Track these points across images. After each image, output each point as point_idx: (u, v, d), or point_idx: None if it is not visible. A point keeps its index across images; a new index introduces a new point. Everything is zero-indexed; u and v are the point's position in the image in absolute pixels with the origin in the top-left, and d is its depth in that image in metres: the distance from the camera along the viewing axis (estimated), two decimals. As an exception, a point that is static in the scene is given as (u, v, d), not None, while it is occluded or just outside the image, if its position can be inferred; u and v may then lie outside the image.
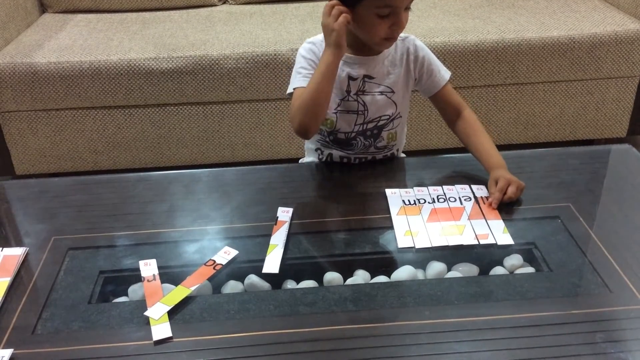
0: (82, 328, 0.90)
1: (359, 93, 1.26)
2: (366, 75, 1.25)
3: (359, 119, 1.28)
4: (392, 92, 1.27)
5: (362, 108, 1.27)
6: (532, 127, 2.27)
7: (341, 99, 1.26)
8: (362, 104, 1.27)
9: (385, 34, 1.18)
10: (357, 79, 1.25)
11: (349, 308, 0.92)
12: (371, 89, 1.26)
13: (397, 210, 1.13)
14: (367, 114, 1.27)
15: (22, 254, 1.04)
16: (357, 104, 1.27)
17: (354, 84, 1.26)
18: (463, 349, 0.84)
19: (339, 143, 1.31)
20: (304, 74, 1.23)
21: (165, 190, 1.22)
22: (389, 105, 1.28)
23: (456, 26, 2.16)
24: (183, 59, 2.04)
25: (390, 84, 1.27)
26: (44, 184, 1.29)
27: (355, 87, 1.26)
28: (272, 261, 1.02)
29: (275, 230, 1.08)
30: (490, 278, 1.00)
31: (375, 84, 1.26)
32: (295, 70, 1.26)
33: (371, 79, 1.26)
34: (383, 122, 1.29)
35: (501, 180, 1.14)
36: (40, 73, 2.03)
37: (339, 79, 1.24)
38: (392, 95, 1.28)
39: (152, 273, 0.99)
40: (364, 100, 1.27)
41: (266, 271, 1.00)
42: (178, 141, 2.19)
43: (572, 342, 0.84)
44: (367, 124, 1.28)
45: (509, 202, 1.13)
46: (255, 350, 0.85)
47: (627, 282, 0.94)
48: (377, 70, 1.26)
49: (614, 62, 2.16)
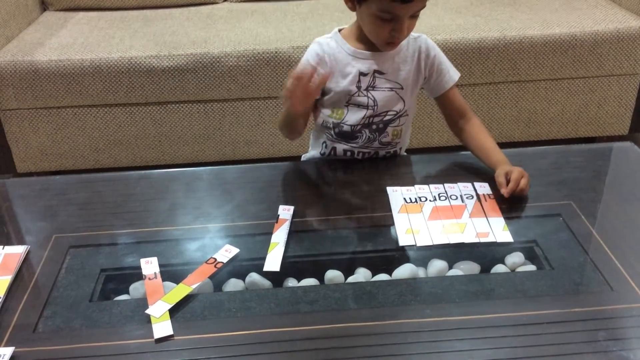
0: (83, 326, 0.90)
1: (369, 88, 1.26)
2: (377, 71, 1.26)
3: (368, 112, 1.28)
4: (402, 88, 1.28)
5: (372, 103, 1.27)
6: (534, 124, 2.27)
7: (352, 95, 1.27)
8: (372, 99, 1.27)
9: (385, 37, 1.18)
10: (368, 75, 1.26)
11: (350, 306, 0.92)
12: (381, 84, 1.27)
13: (399, 208, 1.13)
14: (376, 109, 1.28)
15: (24, 252, 1.04)
16: (367, 99, 1.27)
17: (365, 79, 1.26)
18: (464, 347, 0.84)
19: (344, 136, 1.31)
20: None
21: (166, 188, 1.22)
22: (398, 101, 1.28)
23: (458, 23, 2.16)
24: (184, 57, 2.04)
25: (401, 81, 1.27)
26: (45, 182, 1.29)
27: (365, 82, 1.26)
28: (273, 259, 1.02)
29: (277, 228, 1.08)
30: (491, 276, 0.99)
31: (386, 80, 1.26)
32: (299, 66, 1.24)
33: (381, 75, 1.26)
34: (389, 117, 1.29)
35: (515, 171, 1.14)
36: (42, 71, 2.03)
37: (350, 76, 1.25)
38: (401, 91, 1.28)
39: (154, 271, 0.99)
40: (374, 95, 1.27)
41: (267, 269, 1.00)
42: (179, 139, 2.19)
43: (573, 340, 0.84)
44: (374, 118, 1.29)
45: (520, 194, 1.13)
46: (256, 348, 0.85)
47: (629, 279, 0.94)
48: (387, 66, 1.26)
49: (615, 59, 2.15)
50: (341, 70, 1.26)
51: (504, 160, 1.20)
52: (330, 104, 1.30)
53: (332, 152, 1.34)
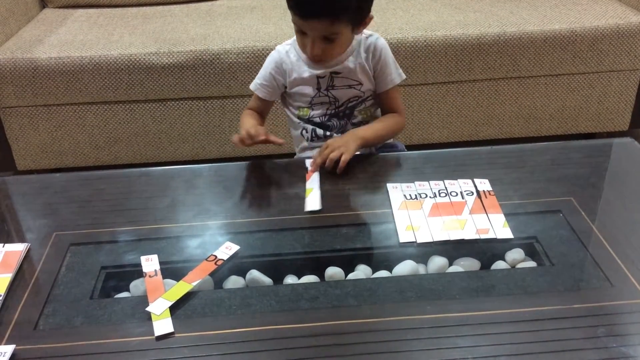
0: (84, 323, 0.90)
1: (329, 88, 1.33)
2: (333, 72, 1.32)
3: (331, 107, 1.36)
4: (360, 84, 1.34)
5: (333, 100, 1.35)
6: (534, 120, 2.26)
7: (313, 96, 1.34)
8: (332, 97, 1.35)
9: (305, 51, 1.27)
10: (325, 77, 1.32)
11: (350, 303, 0.92)
12: (340, 83, 1.33)
13: (399, 204, 1.13)
14: (337, 104, 1.36)
15: (24, 249, 1.04)
16: (327, 97, 1.35)
17: (323, 81, 1.33)
18: (465, 343, 0.84)
19: (316, 124, 1.39)
20: (261, 81, 1.39)
21: (166, 186, 1.22)
22: (356, 92, 1.36)
23: (457, 19, 2.16)
24: (184, 54, 2.04)
25: (357, 78, 1.33)
26: (46, 180, 1.29)
27: (324, 83, 1.33)
28: (312, 200, 1.12)
29: (309, 176, 1.19)
30: (491, 272, 1.00)
31: (344, 78, 1.33)
32: (261, 70, 1.40)
33: (338, 74, 1.32)
34: (353, 104, 1.36)
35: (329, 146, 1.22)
36: (41, 68, 2.02)
37: (309, 81, 1.33)
38: (360, 87, 1.34)
39: (154, 269, 0.99)
40: (334, 94, 1.34)
41: (309, 209, 1.10)
42: (179, 136, 2.19)
43: (573, 336, 0.84)
44: (339, 108, 1.36)
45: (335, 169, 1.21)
46: (257, 345, 0.85)
47: (629, 276, 0.94)
48: (341, 67, 1.32)
49: (615, 55, 2.15)
50: (300, 76, 1.33)
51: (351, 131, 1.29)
52: (296, 106, 1.39)
53: (314, 134, 1.39)
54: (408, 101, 2.16)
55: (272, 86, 1.38)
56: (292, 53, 1.35)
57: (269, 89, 1.39)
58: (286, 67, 1.35)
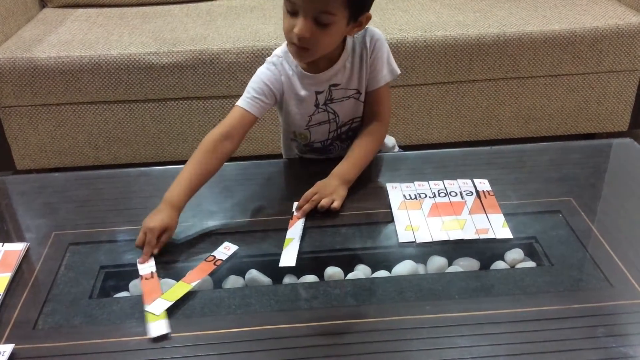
0: (83, 323, 0.90)
1: (328, 102, 1.24)
2: (331, 85, 1.23)
3: (332, 126, 1.27)
4: (359, 93, 1.25)
5: (333, 116, 1.26)
6: (534, 121, 2.26)
7: (311, 115, 1.25)
8: (332, 112, 1.25)
9: (289, 34, 1.11)
10: (324, 91, 1.23)
11: (349, 303, 0.92)
12: (339, 95, 1.24)
13: (398, 204, 1.13)
14: (339, 120, 1.26)
15: (23, 249, 1.04)
16: (327, 113, 1.25)
17: (322, 96, 1.23)
18: (464, 343, 0.84)
19: (316, 151, 1.31)
20: (250, 96, 1.19)
21: (165, 185, 1.21)
22: (359, 106, 1.26)
23: (457, 20, 2.16)
24: (183, 54, 2.04)
25: (356, 86, 1.24)
26: (45, 179, 1.29)
27: (323, 98, 1.24)
28: (288, 255, 1.01)
29: (291, 224, 1.08)
30: (491, 272, 0.99)
31: (342, 89, 1.23)
32: (249, 84, 1.21)
33: (337, 86, 1.23)
34: (356, 124, 1.28)
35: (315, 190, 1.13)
36: (41, 68, 2.02)
37: (307, 98, 1.23)
38: (359, 96, 1.25)
39: (150, 271, 0.99)
40: (333, 108, 1.25)
41: (283, 264, 1.00)
42: (179, 136, 2.19)
43: (573, 337, 0.84)
44: (341, 129, 1.28)
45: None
46: (256, 345, 0.85)
47: (629, 276, 0.94)
48: (339, 77, 1.22)
49: (615, 55, 2.15)
50: (296, 94, 1.23)
51: (337, 173, 1.17)
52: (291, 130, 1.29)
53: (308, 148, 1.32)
54: (408, 101, 2.16)
55: (269, 96, 1.21)
56: (287, 66, 1.22)
57: (264, 101, 1.20)
58: (284, 80, 1.22)
